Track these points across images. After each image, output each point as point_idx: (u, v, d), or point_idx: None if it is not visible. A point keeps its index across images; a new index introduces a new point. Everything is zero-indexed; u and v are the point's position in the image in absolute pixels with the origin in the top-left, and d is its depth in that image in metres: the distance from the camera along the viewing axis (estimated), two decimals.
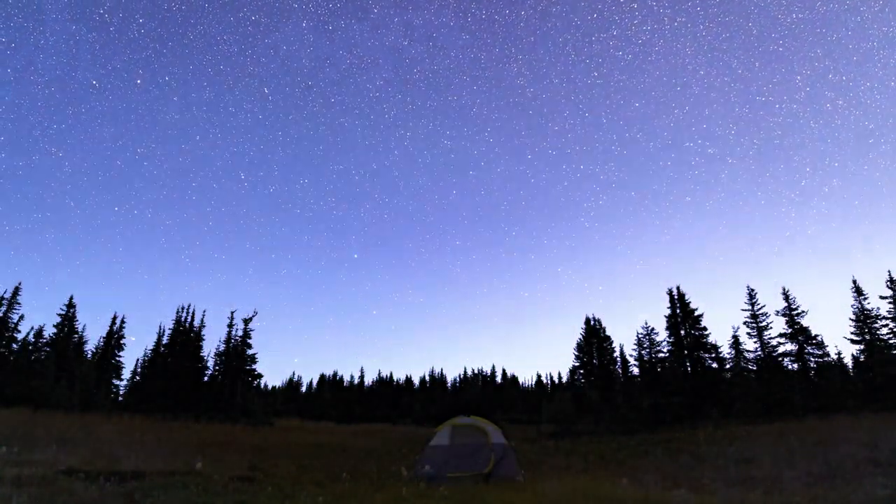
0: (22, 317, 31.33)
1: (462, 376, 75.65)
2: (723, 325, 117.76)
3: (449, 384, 75.12)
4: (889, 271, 27.76)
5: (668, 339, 33.72)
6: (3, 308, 30.78)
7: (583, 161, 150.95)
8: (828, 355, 28.77)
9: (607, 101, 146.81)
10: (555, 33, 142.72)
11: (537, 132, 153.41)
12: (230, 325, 34.38)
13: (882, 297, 27.55)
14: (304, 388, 73.36)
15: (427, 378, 76.77)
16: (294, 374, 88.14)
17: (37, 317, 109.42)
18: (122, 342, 37.75)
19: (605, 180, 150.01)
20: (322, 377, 73.86)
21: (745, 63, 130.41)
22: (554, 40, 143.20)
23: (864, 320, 27.98)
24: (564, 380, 59.11)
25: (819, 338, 28.83)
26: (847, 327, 45.54)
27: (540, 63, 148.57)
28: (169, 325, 37.49)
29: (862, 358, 28.58)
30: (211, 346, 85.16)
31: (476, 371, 77.08)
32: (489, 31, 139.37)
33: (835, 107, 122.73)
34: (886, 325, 27.23)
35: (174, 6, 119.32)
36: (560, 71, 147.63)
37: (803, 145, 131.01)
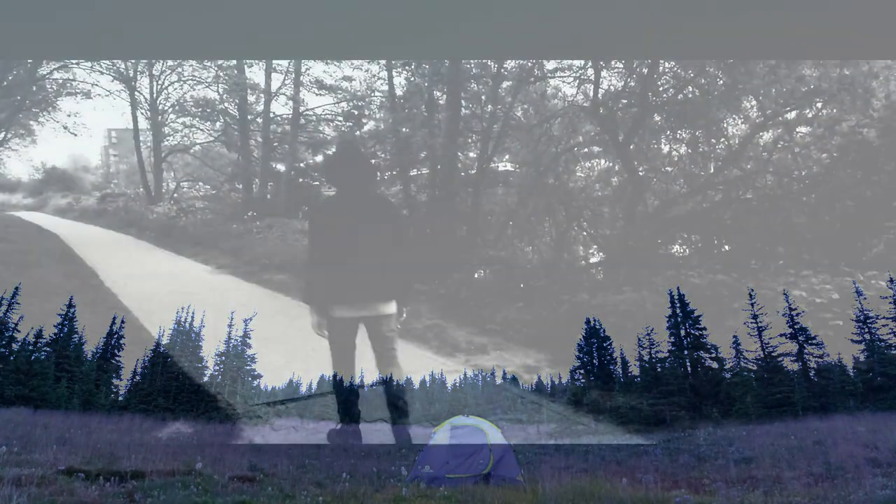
0: (21, 317, 31.36)
1: (462, 376, 75.83)
2: (723, 326, 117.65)
3: (449, 385, 75.33)
4: (889, 271, 27.77)
5: (668, 339, 33.79)
6: (3, 308, 30.81)
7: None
8: (828, 355, 28.81)
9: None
10: None
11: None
12: (230, 325, 34.46)
13: (882, 297, 27.55)
14: (304, 389, 73.47)
15: (427, 378, 76.99)
16: (294, 374, 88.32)
17: (37, 317, 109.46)
18: (121, 342, 37.77)
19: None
20: (322, 377, 73.96)
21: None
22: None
23: (864, 321, 28.02)
24: (564, 380, 59.13)
25: (818, 338, 28.88)
26: (847, 328, 45.61)
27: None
28: (169, 325, 37.47)
29: (862, 358, 28.61)
30: (211, 346, 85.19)
31: (476, 371, 77.35)
32: None
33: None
34: (886, 325, 27.26)
35: None
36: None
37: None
